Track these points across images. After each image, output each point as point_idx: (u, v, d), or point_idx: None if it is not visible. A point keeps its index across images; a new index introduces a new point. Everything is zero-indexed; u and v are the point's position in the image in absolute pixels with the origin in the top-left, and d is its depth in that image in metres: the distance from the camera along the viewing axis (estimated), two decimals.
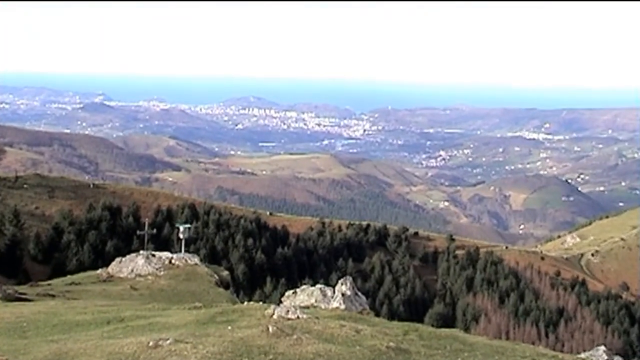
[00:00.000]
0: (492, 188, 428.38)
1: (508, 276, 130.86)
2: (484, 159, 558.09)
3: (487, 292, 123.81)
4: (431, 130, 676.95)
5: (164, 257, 46.65)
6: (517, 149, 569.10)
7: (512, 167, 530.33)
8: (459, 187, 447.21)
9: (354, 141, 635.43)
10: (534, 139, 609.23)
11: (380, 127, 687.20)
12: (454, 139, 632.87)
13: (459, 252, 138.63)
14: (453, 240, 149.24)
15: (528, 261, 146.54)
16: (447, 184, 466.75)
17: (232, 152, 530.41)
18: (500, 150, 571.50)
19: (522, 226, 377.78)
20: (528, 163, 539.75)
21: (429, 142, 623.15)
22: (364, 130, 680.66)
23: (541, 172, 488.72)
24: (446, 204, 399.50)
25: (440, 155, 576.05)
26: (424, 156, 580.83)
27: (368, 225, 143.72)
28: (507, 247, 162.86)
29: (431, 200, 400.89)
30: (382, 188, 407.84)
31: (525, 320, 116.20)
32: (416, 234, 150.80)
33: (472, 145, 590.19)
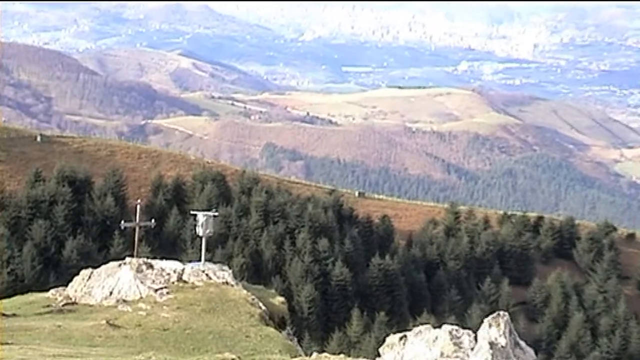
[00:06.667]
0: None
1: None
2: None
3: None
4: None
5: (168, 270, 46.79)
6: None
7: None
8: None
9: (515, 65, 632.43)
10: None
11: (565, 40, 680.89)
12: None
13: None
14: None
15: None
16: None
17: (294, 83, 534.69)
18: None
19: None
20: None
21: None
22: (535, 46, 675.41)
23: None
24: None
25: None
26: None
27: (540, 219, 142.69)
28: None
29: None
30: (567, 152, 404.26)
31: None
32: (631, 236, 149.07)
33: None
